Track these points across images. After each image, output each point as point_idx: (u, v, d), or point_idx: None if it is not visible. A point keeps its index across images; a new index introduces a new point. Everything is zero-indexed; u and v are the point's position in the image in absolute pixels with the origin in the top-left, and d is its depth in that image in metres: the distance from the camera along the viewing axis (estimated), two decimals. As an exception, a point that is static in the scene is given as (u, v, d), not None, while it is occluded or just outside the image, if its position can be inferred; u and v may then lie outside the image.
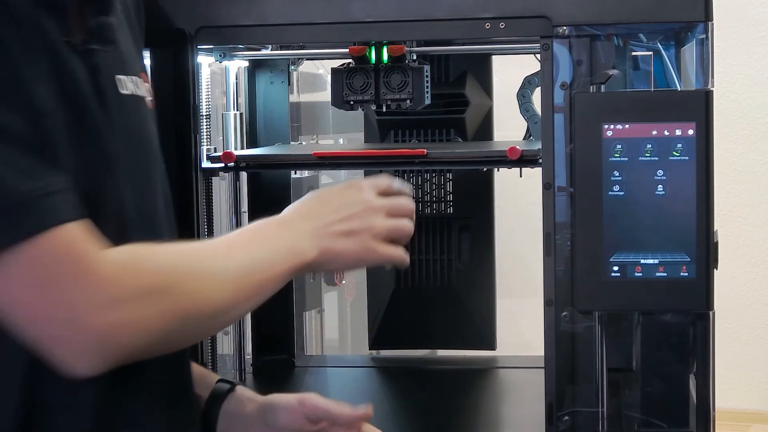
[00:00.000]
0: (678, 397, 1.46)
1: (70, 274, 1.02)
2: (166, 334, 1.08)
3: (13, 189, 0.99)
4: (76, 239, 1.03)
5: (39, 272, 1.01)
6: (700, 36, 1.41)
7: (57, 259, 1.01)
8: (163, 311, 1.06)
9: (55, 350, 1.03)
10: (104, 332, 1.03)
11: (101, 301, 1.02)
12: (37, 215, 1.01)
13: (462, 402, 1.78)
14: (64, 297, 1.01)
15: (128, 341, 1.04)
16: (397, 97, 1.58)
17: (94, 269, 1.03)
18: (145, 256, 1.09)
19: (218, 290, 1.11)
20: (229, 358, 1.93)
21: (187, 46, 1.51)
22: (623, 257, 1.39)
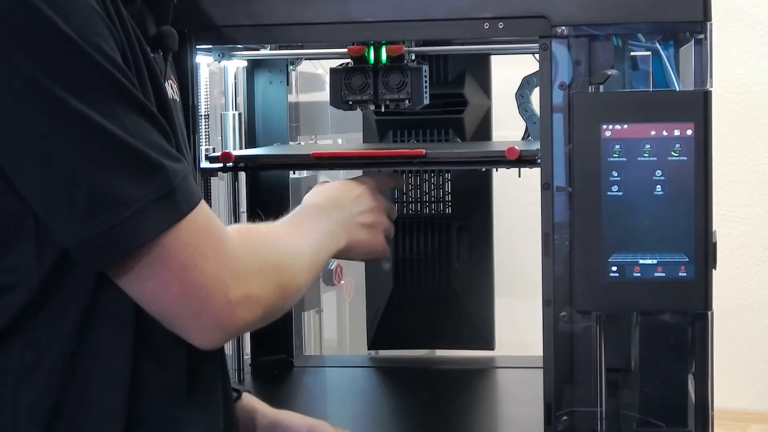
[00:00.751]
0: (676, 396, 1.46)
1: (212, 250, 1.06)
2: (275, 308, 1.14)
3: (169, 171, 1.03)
4: (211, 216, 1.08)
5: (188, 251, 1.04)
6: (698, 36, 1.41)
7: (202, 237, 1.05)
8: (276, 286, 1.13)
9: (189, 325, 1.07)
10: (234, 306, 1.07)
11: (232, 276, 1.07)
12: (186, 195, 1.04)
13: (461, 402, 1.78)
14: (207, 273, 1.05)
15: (253, 314, 1.09)
16: (396, 97, 1.58)
17: (227, 246, 1.08)
18: (256, 234, 1.16)
19: (305, 268, 1.20)
20: (228, 358, 1.93)
21: (186, 46, 1.51)
22: (622, 257, 1.39)
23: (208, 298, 1.05)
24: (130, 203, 1.00)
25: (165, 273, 1.04)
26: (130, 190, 1.00)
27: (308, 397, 1.84)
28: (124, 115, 1.01)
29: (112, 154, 1.00)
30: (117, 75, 1.01)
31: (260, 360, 1.96)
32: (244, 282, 1.08)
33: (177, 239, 1.03)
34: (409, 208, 1.98)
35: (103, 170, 1.00)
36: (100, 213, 1.00)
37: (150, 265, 1.03)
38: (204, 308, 1.06)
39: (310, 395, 1.85)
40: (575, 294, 1.42)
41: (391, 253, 1.96)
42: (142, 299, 1.06)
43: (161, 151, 1.04)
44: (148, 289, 1.05)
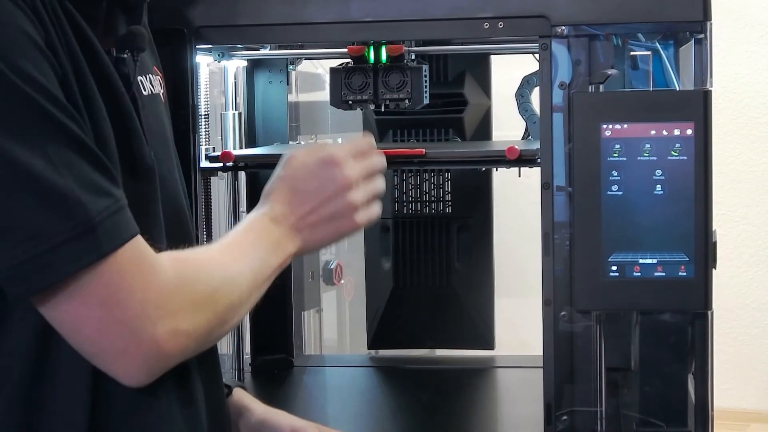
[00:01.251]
0: (676, 396, 1.46)
1: (139, 287, 1.03)
2: (210, 337, 1.11)
3: (90, 208, 0.99)
4: (142, 252, 1.04)
5: (110, 288, 1.01)
6: (698, 36, 1.41)
7: (127, 275, 1.02)
8: (210, 317, 1.09)
9: (115, 363, 1.04)
10: (160, 343, 1.04)
11: (161, 313, 1.04)
12: (112, 233, 1.01)
13: (461, 402, 1.78)
14: (130, 311, 1.02)
15: (182, 349, 1.06)
16: (396, 96, 1.58)
17: (157, 282, 1.05)
18: (191, 264, 1.11)
19: (244, 292, 1.15)
20: (227, 357, 1.93)
21: (186, 46, 1.51)
22: (622, 257, 1.39)
23: (132, 336, 1.03)
24: (42, 240, 0.98)
25: (82, 309, 1.01)
26: (43, 226, 0.98)
27: (308, 396, 1.84)
28: (49, 148, 0.98)
29: (27, 190, 0.98)
30: (46, 105, 0.99)
31: (260, 359, 1.95)
32: (172, 317, 1.05)
33: (98, 276, 1.00)
34: (409, 207, 1.97)
35: (17, 205, 0.98)
36: (12, 248, 0.98)
37: (67, 300, 1.01)
38: (127, 346, 1.03)
39: (310, 395, 1.85)
40: (575, 294, 1.42)
41: (390, 253, 1.97)
42: (63, 333, 1.04)
43: (87, 185, 1.00)
44: (65, 324, 1.02)
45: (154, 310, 1.03)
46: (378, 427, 1.66)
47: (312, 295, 2.07)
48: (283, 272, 1.98)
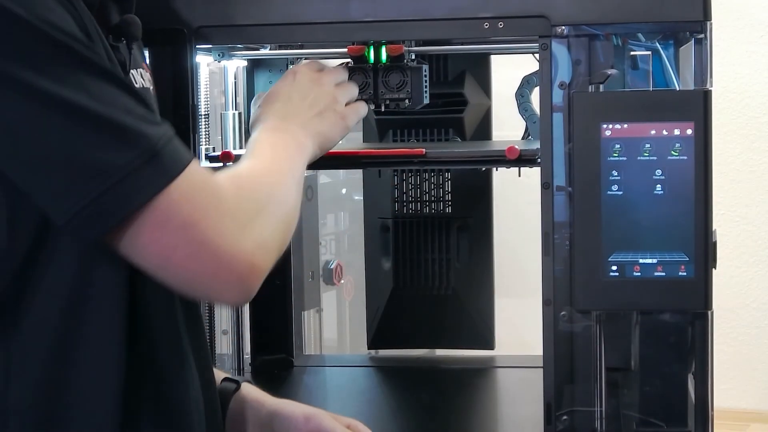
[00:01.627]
0: (676, 396, 1.46)
1: (211, 206, 1.05)
2: (284, 244, 1.14)
3: (150, 135, 1.01)
4: (203, 174, 1.07)
5: (185, 211, 1.03)
6: (698, 36, 1.41)
7: (197, 196, 1.04)
8: (278, 224, 1.13)
9: (211, 285, 1.05)
10: (250, 256, 1.06)
11: (237, 227, 1.06)
12: (174, 156, 1.03)
13: (461, 402, 1.78)
14: (210, 230, 1.03)
15: (268, 258, 1.09)
16: (396, 96, 1.58)
17: (225, 199, 1.07)
18: (245, 179, 1.14)
19: (293, 194, 1.21)
20: (227, 357, 1.93)
21: (186, 46, 1.51)
22: (622, 257, 1.39)
23: (221, 255, 1.04)
24: (112, 172, 0.99)
25: (167, 236, 1.02)
26: (109, 159, 0.99)
27: (308, 396, 1.84)
28: (93, 86, 1.00)
29: (86, 127, 0.99)
30: (78, 47, 1.00)
31: (260, 359, 1.95)
32: (251, 229, 1.07)
33: (170, 201, 1.02)
34: (409, 207, 1.98)
35: (78, 144, 0.99)
36: (84, 186, 0.99)
37: (149, 232, 1.01)
38: (220, 265, 1.04)
39: (310, 395, 1.85)
40: (575, 293, 1.42)
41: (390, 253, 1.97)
42: (152, 270, 1.05)
43: (138, 116, 1.02)
44: (154, 257, 1.03)
45: (233, 223, 1.05)
46: (378, 427, 1.66)
47: (312, 295, 2.07)
48: (283, 272, 1.99)
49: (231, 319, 1.91)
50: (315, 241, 2.10)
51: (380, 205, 1.99)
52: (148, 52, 1.53)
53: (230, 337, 1.92)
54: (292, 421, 1.34)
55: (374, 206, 2.01)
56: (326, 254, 3.09)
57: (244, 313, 1.92)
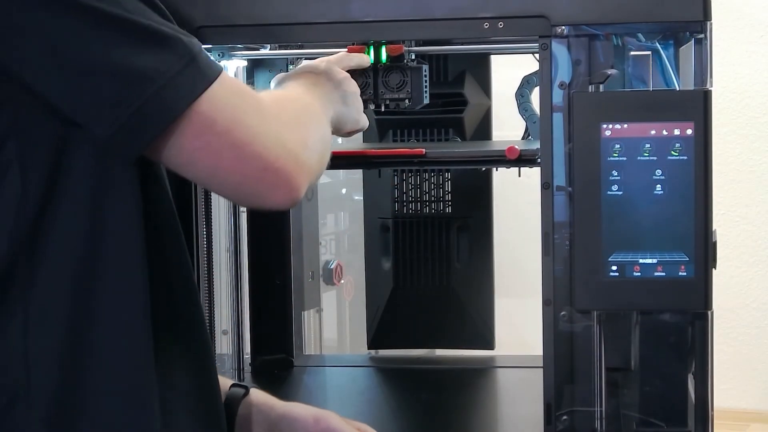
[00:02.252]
0: (676, 396, 1.46)
1: (252, 108, 1.07)
2: (324, 152, 1.16)
3: (185, 41, 1.04)
4: (235, 80, 1.11)
5: (227, 112, 1.04)
6: (698, 36, 1.41)
7: (235, 98, 1.06)
8: (316, 130, 1.16)
9: (259, 186, 1.06)
10: (296, 155, 1.07)
11: (280, 126, 1.08)
12: (209, 62, 1.05)
13: (460, 401, 1.78)
14: (254, 129, 1.05)
15: (312, 160, 1.11)
16: (396, 96, 1.59)
17: (264, 101, 1.09)
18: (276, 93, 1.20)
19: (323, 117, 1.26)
20: (227, 357, 1.93)
21: (186, 46, 1.51)
22: (622, 257, 1.39)
23: (268, 153, 1.05)
24: (155, 77, 1.00)
25: (214, 139, 1.03)
26: (151, 64, 1.01)
27: (308, 396, 1.84)
28: (125, 1, 1.02)
29: (123, 35, 1.00)
30: None
31: (260, 359, 1.96)
32: (293, 130, 1.09)
33: (213, 104, 1.03)
34: (409, 207, 1.98)
35: (119, 52, 1.00)
36: (128, 94, 1.00)
37: (195, 137, 1.03)
38: (267, 163, 1.05)
39: (310, 395, 1.85)
40: (575, 293, 1.42)
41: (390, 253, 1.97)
42: (200, 177, 1.07)
43: (170, 27, 1.04)
44: (202, 163, 1.04)
45: (275, 124, 1.07)
46: (378, 427, 1.66)
47: (312, 295, 2.07)
48: (283, 272, 1.99)
49: (231, 319, 1.91)
50: (315, 241, 2.10)
51: (380, 205, 1.99)
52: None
53: (230, 337, 1.92)
54: (300, 423, 1.34)
55: (374, 206, 2.01)
56: (326, 254, 3.09)
57: (244, 313, 1.92)
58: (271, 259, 1.95)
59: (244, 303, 1.92)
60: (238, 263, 1.90)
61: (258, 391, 1.39)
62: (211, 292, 1.61)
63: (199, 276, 1.55)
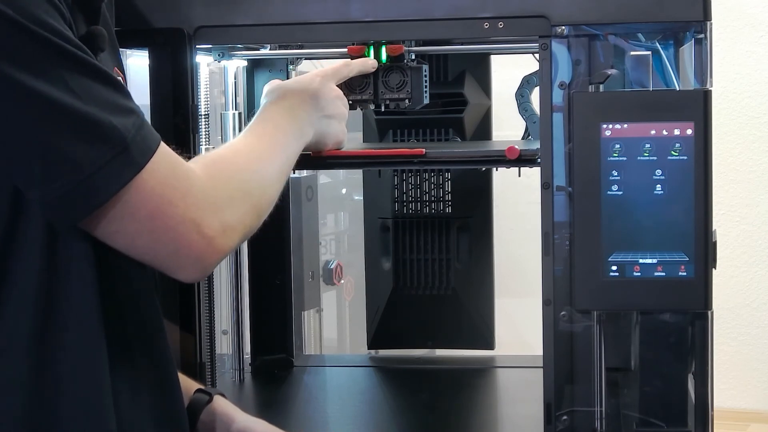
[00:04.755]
0: (676, 396, 1.46)
1: (179, 195, 1.10)
2: (251, 228, 1.20)
3: (121, 128, 1.06)
4: (172, 160, 1.11)
5: (153, 200, 1.08)
6: (698, 36, 1.41)
7: (166, 184, 1.09)
8: (248, 209, 1.18)
9: (172, 264, 1.12)
10: (210, 240, 1.11)
11: (203, 214, 1.11)
12: (142, 146, 1.08)
13: (460, 402, 1.78)
14: (176, 218, 1.09)
15: (230, 242, 1.14)
16: (396, 96, 1.58)
17: (194, 187, 1.12)
18: (220, 164, 1.19)
19: (275, 182, 1.27)
20: (227, 357, 1.93)
21: (186, 46, 1.51)
22: (622, 257, 1.39)
23: (182, 240, 1.10)
24: (85, 166, 1.04)
25: (133, 225, 1.08)
26: (83, 153, 1.04)
27: (308, 396, 1.84)
28: (72, 80, 1.04)
29: (63, 122, 1.03)
30: (59, 42, 1.04)
31: (260, 359, 1.96)
32: (215, 215, 1.12)
33: (139, 192, 1.07)
34: (409, 207, 1.98)
35: (56, 138, 1.03)
36: (58, 178, 1.04)
37: (117, 220, 1.07)
38: (179, 248, 1.10)
39: (310, 395, 1.85)
40: (575, 293, 1.42)
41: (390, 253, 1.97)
42: (119, 249, 1.11)
43: (113, 108, 1.06)
44: (119, 241, 1.09)
45: (197, 211, 1.10)
46: (378, 427, 1.66)
47: (312, 295, 2.07)
48: (283, 272, 1.99)
49: (231, 319, 1.91)
50: (315, 241, 2.10)
51: (380, 205, 1.99)
52: (148, 53, 1.53)
53: (230, 337, 1.92)
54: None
55: (374, 206, 2.01)
56: (326, 254, 3.09)
57: (244, 313, 1.92)
58: (271, 259, 1.95)
59: (244, 303, 1.92)
60: (238, 263, 1.90)
61: (222, 399, 1.40)
62: (211, 292, 1.61)
63: (199, 276, 1.55)
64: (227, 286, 1.92)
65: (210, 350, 1.74)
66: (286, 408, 1.78)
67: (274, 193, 1.26)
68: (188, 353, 1.56)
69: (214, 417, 1.37)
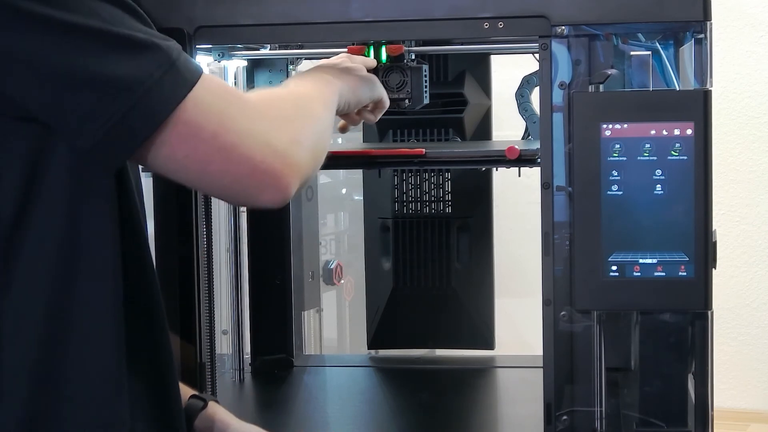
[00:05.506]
0: (676, 396, 1.46)
1: (237, 110, 1.07)
2: (317, 148, 1.15)
3: (164, 47, 1.04)
4: (220, 81, 1.09)
5: (212, 116, 1.04)
6: (698, 36, 1.41)
7: (221, 101, 1.06)
8: (307, 126, 1.14)
9: (252, 187, 1.07)
10: (284, 155, 1.08)
11: (267, 127, 1.08)
12: (188, 65, 1.05)
13: (460, 402, 1.78)
14: (242, 133, 1.06)
15: (304, 158, 1.10)
16: (396, 96, 1.58)
17: (248, 102, 1.09)
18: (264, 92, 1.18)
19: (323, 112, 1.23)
20: (227, 357, 1.93)
21: (186, 46, 1.51)
22: (622, 257, 1.39)
23: (254, 154, 1.06)
24: (135, 86, 1.01)
25: (200, 145, 1.04)
26: (130, 73, 1.01)
27: (308, 396, 1.84)
28: (101, 9, 1.02)
29: (101, 46, 1.01)
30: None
31: (260, 359, 1.96)
32: (279, 128, 1.09)
33: (196, 109, 1.04)
34: (409, 207, 1.98)
35: (98, 63, 1.00)
36: (108, 105, 1.00)
37: (181, 144, 1.03)
38: (255, 165, 1.06)
39: (310, 395, 1.85)
40: (575, 293, 1.42)
41: (390, 253, 1.97)
42: (189, 180, 1.07)
43: (149, 33, 1.04)
44: (189, 168, 1.05)
45: (261, 123, 1.07)
46: (378, 427, 1.66)
47: (312, 295, 2.07)
48: (283, 272, 1.99)
49: (231, 319, 1.91)
50: (315, 241, 2.10)
51: (380, 205, 1.99)
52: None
53: (230, 337, 1.92)
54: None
55: (374, 206, 2.01)
56: (326, 254, 3.08)
57: (244, 313, 1.92)
58: (271, 259, 1.96)
59: (244, 303, 1.92)
60: (238, 263, 1.90)
61: (216, 405, 1.40)
62: (211, 292, 1.61)
63: (199, 276, 1.55)
64: (227, 286, 1.92)
65: (210, 350, 1.74)
66: (286, 408, 1.78)
67: (325, 126, 1.22)
68: (188, 353, 1.56)
69: (209, 423, 1.37)
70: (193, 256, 1.54)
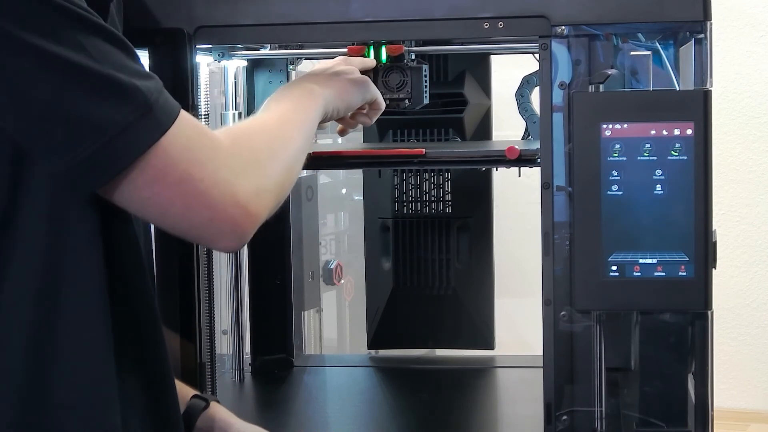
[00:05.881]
0: (676, 396, 1.46)
1: (206, 157, 1.07)
2: (285, 190, 1.17)
3: (143, 89, 1.04)
4: (196, 124, 1.09)
5: (181, 162, 1.05)
6: (698, 36, 1.41)
7: (192, 146, 1.07)
8: (277, 171, 1.15)
9: (205, 233, 1.09)
10: (245, 204, 1.08)
11: (233, 176, 1.08)
12: (165, 108, 1.06)
13: (460, 402, 1.78)
14: (206, 181, 1.06)
15: (264, 207, 1.11)
16: (396, 96, 1.58)
17: (219, 148, 1.09)
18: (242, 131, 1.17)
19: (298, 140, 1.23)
20: (227, 357, 1.93)
21: (186, 46, 1.51)
22: (622, 257, 1.39)
23: (216, 204, 1.07)
24: (109, 127, 1.02)
25: (164, 190, 1.05)
26: (106, 115, 1.02)
27: (308, 396, 1.84)
28: (89, 44, 1.02)
29: (84, 84, 1.02)
30: (73, 7, 1.03)
31: (260, 359, 1.96)
32: (246, 177, 1.10)
33: (167, 155, 1.04)
34: (409, 207, 1.98)
35: (77, 100, 1.01)
36: (81, 141, 1.01)
37: (148, 186, 1.04)
38: (214, 214, 1.07)
39: (310, 395, 1.85)
40: (575, 293, 1.42)
41: (390, 253, 1.97)
42: (150, 220, 1.09)
43: (131, 72, 1.05)
44: (152, 210, 1.07)
45: (228, 173, 1.08)
46: (378, 427, 1.66)
47: (312, 295, 2.07)
48: (283, 272, 1.99)
49: (231, 319, 1.91)
50: (315, 241, 2.10)
51: (380, 205, 1.99)
52: (148, 53, 1.53)
53: (230, 337, 1.92)
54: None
55: (374, 206, 2.01)
56: (326, 254, 3.08)
57: (244, 313, 1.92)
58: (271, 259, 1.96)
59: (244, 303, 1.92)
60: (238, 263, 1.90)
61: (218, 405, 1.40)
62: (211, 292, 1.61)
63: (199, 276, 1.55)
64: (227, 286, 1.92)
65: (210, 350, 1.74)
66: (286, 408, 1.78)
67: (299, 152, 1.22)
68: (188, 353, 1.56)
69: (211, 423, 1.37)
70: (193, 256, 1.54)
